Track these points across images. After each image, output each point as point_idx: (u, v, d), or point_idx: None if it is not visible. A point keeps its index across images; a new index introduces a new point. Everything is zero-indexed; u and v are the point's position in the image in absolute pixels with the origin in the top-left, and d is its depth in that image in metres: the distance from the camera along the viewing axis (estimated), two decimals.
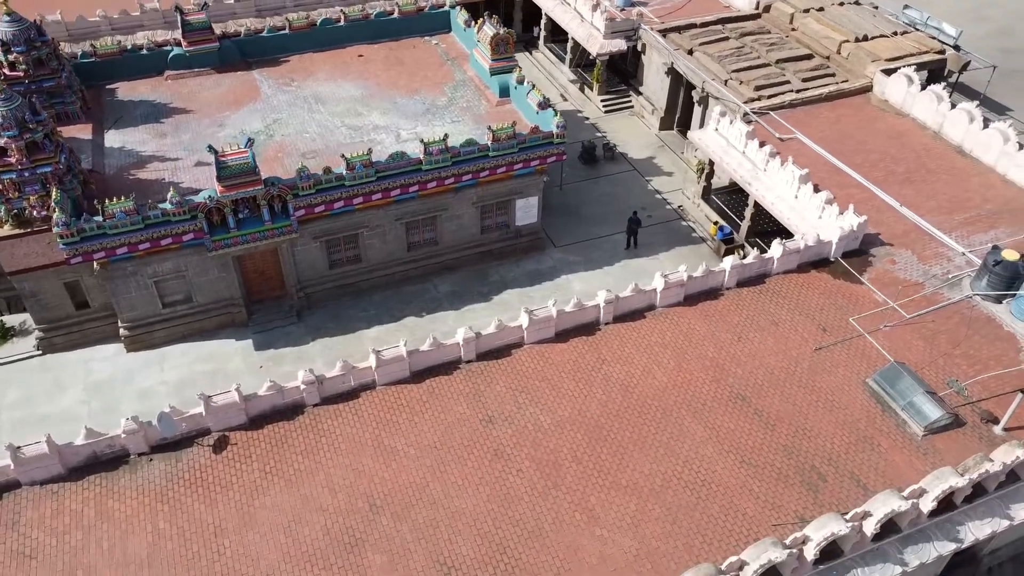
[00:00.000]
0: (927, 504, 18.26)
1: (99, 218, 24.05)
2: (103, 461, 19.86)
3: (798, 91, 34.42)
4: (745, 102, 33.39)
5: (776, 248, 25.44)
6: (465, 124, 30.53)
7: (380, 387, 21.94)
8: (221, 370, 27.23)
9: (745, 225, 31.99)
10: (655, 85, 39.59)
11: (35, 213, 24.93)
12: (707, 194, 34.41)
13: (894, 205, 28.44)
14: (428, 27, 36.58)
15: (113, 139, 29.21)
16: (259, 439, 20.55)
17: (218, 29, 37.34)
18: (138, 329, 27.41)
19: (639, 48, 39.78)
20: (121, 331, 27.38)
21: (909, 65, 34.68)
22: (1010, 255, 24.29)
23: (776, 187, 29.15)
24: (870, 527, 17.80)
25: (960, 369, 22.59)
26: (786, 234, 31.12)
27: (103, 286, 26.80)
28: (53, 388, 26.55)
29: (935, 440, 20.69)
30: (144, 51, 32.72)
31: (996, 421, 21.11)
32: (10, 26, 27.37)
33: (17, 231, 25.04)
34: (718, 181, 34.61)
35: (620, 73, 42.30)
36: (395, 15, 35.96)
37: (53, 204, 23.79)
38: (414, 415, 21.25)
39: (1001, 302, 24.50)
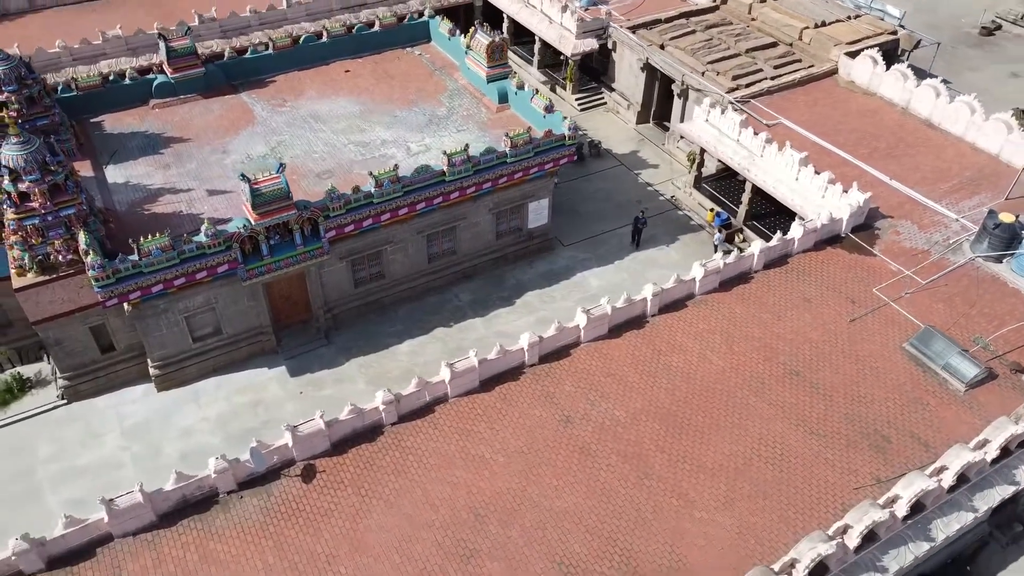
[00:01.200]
0: (992, 452, 19.86)
1: (134, 257, 23.34)
2: (193, 503, 19.50)
3: (772, 78, 36.14)
4: (726, 92, 34.84)
5: (796, 229, 26.87)
6: (471, 132, 30.86)
7: (452, 399, 22.18)
8: (260, 400, 26.80)
9: (743, 209, 33.44)
10: (629, 81, 40.72)
11: (60, 258, 23.98)
12: (698, 183, 35.73)
13: (885, 180, 30.32)
14: (408, 38, 36.62)
15: (115, 174, 28.25)
16: (346, 463, 20.53)
17: None
18: (169, 367, 26.68)
19: (609, 46, 40.81)
20: (151, 371, 26.59)
21: (868, 47, 36.90)
22: (1007, 217, 26.39)
23: (775, 171, 30.64)
24: (948, 480, 19.25)
25: (980, 326, 24.47)
26: (782, 215, 32.96)
27: (131, 327, 25.98)
28: (87, 437, 25.59)
29: (976, 394, 22.42)
30: (127, 81, 31.64)
31: (1022, 371, 23.01)
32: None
33: (42, 278, 24.01)
34: (706, 170, 35.96)
35: (589, 71, 43.26)
36: (376, 28, 35.83)
37: (83, 246, 22.95)
38: (493, 423, 21.61)
39: (1001, 261, 26.58)
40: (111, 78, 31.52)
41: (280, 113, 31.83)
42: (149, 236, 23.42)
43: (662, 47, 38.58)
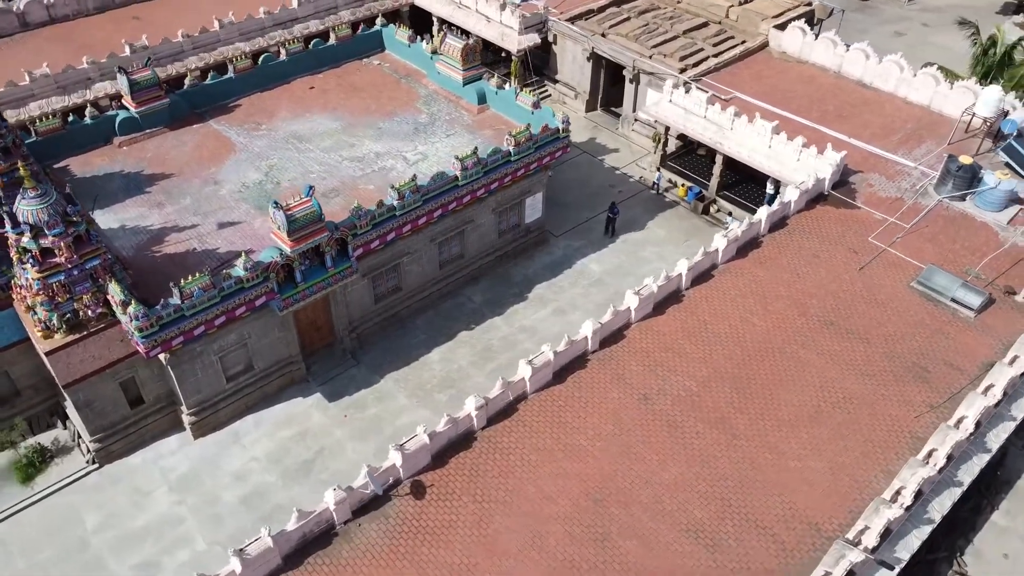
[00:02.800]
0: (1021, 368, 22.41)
1: (175, 300, 22.27)
2: (312, 540, 19.06)
3: (715, 56, 38.29)
4: (678, 73, 36.65)
5: (792, 191, 28.90)
6: (461, 136, 31.09)
7: (531, 395, 22.63)
8: (306, 431, 26.16)
9: (714, 181, 35.39)
10: (573, 71, 41.91)
11: (89, 313, 22.51)
12: (663, 161, 37.43)
13: (843, 138, 32.92)
14: (363, 49, 36.21)
15: (106, 220, 26.59)
16: (450, 474, 20.63)
17: (113, 88, 34.90)
18: (205, 411, 25.56)
19: (550, 39, 41.83)
20: (187, 418, 25.39)
21: (793, 19, 39.76)
22: (965, 160, 29.47)
23: (747, 142, 32.65)
24: (996, 395, 21.60)
25: (966, 259, 27.30)
26: (748, 183, 35.23)
27: (160, 377, 24.75)
28: (135, 498, 24.18)
29: (984, 319, 25.10)
30: (88, 120, 29.72)
31: (1014, 292, 25.93)
32: None
33: (72, 337, 22.46)
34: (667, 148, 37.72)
35: (529, 65, 44.03)
36: (332, 41, 35.22)
37: (120, 297, 21.70)
38: (577, 412, 22.25)
39: (965, 199, 29.65)
40: (71, 119, 29.46)
41: (259, 137, 30.85)
42: (189, 277, 22.39)
43: (603, 36, 39.97)
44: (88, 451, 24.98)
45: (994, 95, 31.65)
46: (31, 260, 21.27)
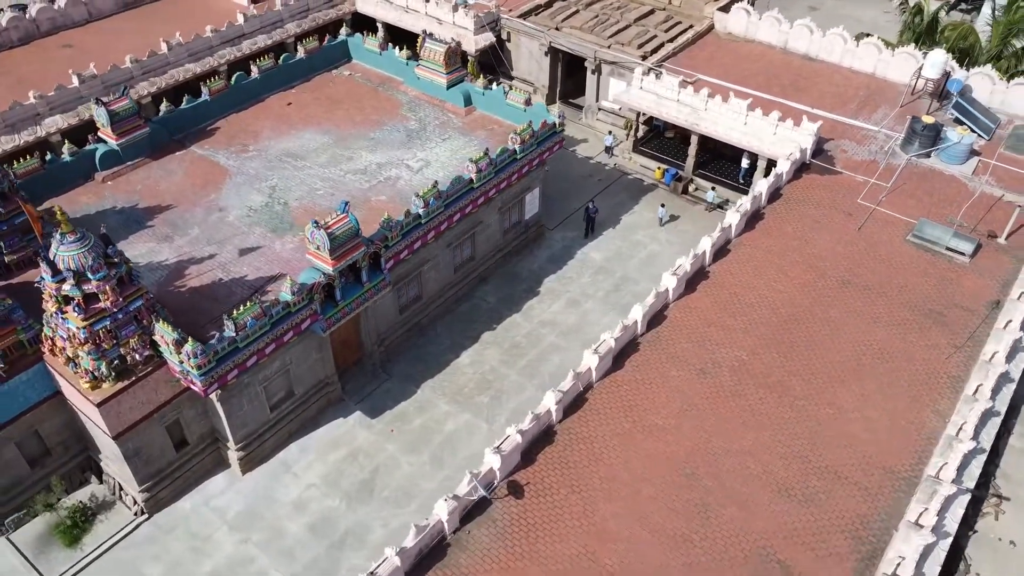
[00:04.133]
0: None
1: (229, 333, 21.50)
2: (427, 553, 18.98)
3: (670, 41, 39.71)
4: (641, 60, 37.84)
5: (784, 163, 30.52)
6: (456, 139, 31.12)
7: (596, 383, 23.15)
8: (357, 450, 25.75)
9: (690, 161, 36.76)
10: (531, 66, 42.45)
11: (137, 357, 21.39)
12: (636, 146, 38.55)
13: (808, 109, 34.91)
14: (330, 60, 35.55)
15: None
16: (542, 470, 20.94)
17: (73, 119, 33.07)
18: (251, 445, 24.75)
19: (504, 37, 42.22)
20: (235, 454, 24.51)
21: (733, 1, 41.65)
22: (928, 120, 31.91)
23: (723, 120, 34.14)
24: (1016, 329, 23.63)
25: (946, 209, 29.60)
26: (720, 161, 36.85)
27: (205, 414, 23.83)
28: (194, 543, 23.20)
29: (977, 262, 27.36)
30: (67, 157, 28.03)
31: (996, 235, 28.37)
32: None
33: (121, 385, 21.29)
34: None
35: (482, 64, 44.27)
36: (301, 54, 34.43)
37: (173, 336, 20.76)
38: (643, 393, 22.95)
39: (930, 156, 32.09)
40: (49, 158, 27.71)
41: (250, 159, 29.91)
42: (243, 307, 21.65)
43: (557, 30, 40.71)
44: (135, 502, 23.77)
45: (940, 58, 34.31)
46: (75, 308, 20.03)
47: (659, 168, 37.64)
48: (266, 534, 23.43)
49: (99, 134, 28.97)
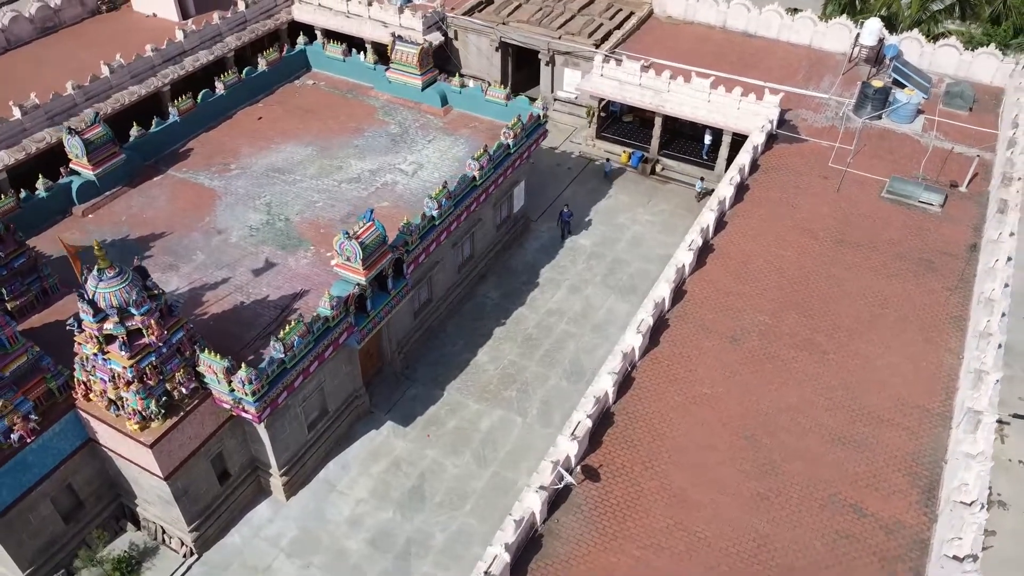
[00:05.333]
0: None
1: (277, 354, 20.87)
2: (525, 548, 19.09)
3: (617, 28, 40.74)
4: (595, 49, 38.69)
5: (758, 135, 31.97)
6: (442, 140, 31.03)
7: (639, 361, 23.77)
8: (398, 459, 25.46)
9: (655, 143, 37.89)
10: (480, 63, 42.57)
11: (183, 390, 20.45)
12: (598, 133, 39.38)
13: (760, 84, 36.63)
14: (291, 70, 34.68)
15: None
16: (610, 451, 21.42)
17: (19, 153, 31.15)
18: (293, 469, 24.07)
19: (451, 35, 42.19)
20: (278, 480, 23.77)
21: None
22: (878, 83, 34.12)
23: (687, 100, 35.40)
24: (1003, 266, 25.72)
25: (908, 164, 31.78)
26: (681, 139, 38.20)
27: (244, 443, 23.04)
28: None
29: (948, 210, 29.53)
30: (43, 193, 26.32)
31: (957, 184, 30.71)
32: None
33: (171, 422, 20.29)
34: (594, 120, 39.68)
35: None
36: (262, 67, 33.41)
37: (221, 366, 20.00)
38: (684, 367, 23.74)
39: (881, 118, 34.34)
40: (24, 195, 25.93)
41: (235, 178, 28.89)
42: (288, 327, 21.05)
43: (504, 24, 41.04)
44: (182, 544, 22.74)
45: (875, 26, 36.66)
46: (121, 346, 18.99)
47: (625, 152, 38.59)
48: (327, 556, 22.89)
49: (72, 166, 27.33)
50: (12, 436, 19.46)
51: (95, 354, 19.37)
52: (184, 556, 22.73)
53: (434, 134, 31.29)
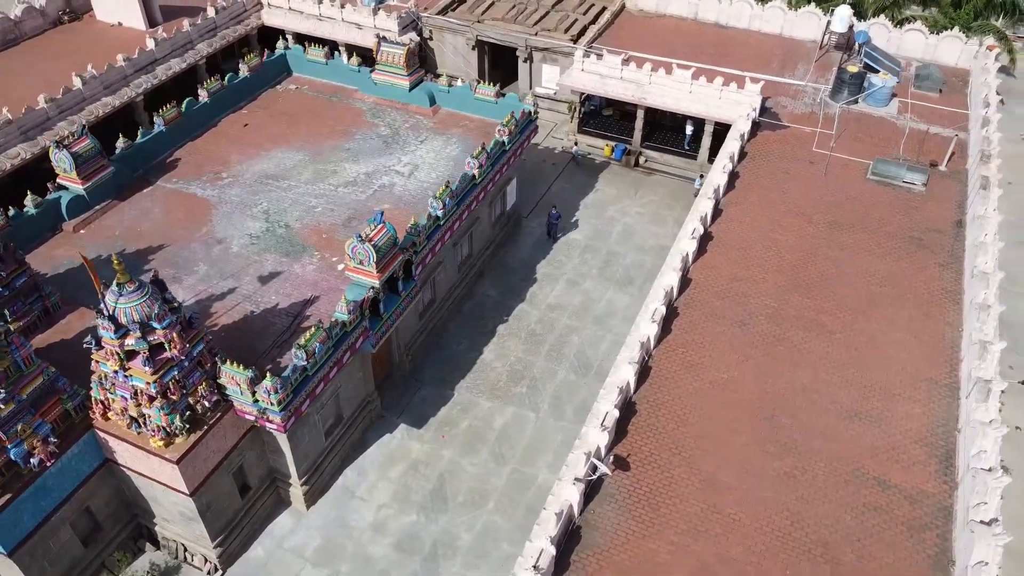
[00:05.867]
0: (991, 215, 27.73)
1: (299, 362, 20.59)
2: (566, 541, 19.19)
3: (592, 23, 41.03)
4: (573, 44, 38.93)
5: (744, 123, 32.55)
6: (435, 140, 30.91)
7: (653, 349, 24.05)
8: (415, 462, 25.33)
9: (637, 135, 38.28)
10: (457, 62, 42.46)
11: (206, 404, 20.04)
12: (580, 128, 39.63)
13: (739, 73, 37.26)
14: (272, 75, 34.15)
15: None
16: (636, 440, 21.62)
17: None
18: (312, 477, 23.77)
19: (426, 35, 42.02)
20: (299, 489, 23.45)
21: None
22: (853, 69, 35.02)
23: (669, 92, 35.85)
24: (992, 238, 26.63)
25: (888, 146, 32.70)
26: (661, 131, 38.69)
27: (263, 454, 22.69)
28: None
29: (931, 189, 30.45)
30: (31, 210, 25.52)
31: (937, 164, 31.70)
32: None
33: (195, 436, 19.87)
34: (574, 115, 39.93)
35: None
36: (244, 72, 32.84)
37: (245, 376, 19.67)
38: (698, 353, 24.07)
39: (858, 102, 35.25)
40: (11, 214, 25.10)
41: (227, 186, 28.38)
42: (308, 333, 20.78)
43: (480, 22, 41.04)
44: (206, 560, 22.29)
45: (846, 13, 37.62)
46: (144, 362, 18.53)
47: (607, 145, 38.91)
48: (354, 563, 22.68)
49: (59, 180, 26.54)
50: (32, 460, 18.84)
51: (116, 371, 18.86)
52: (208, 573, 22.29)
53: (426, 134, 31.15)
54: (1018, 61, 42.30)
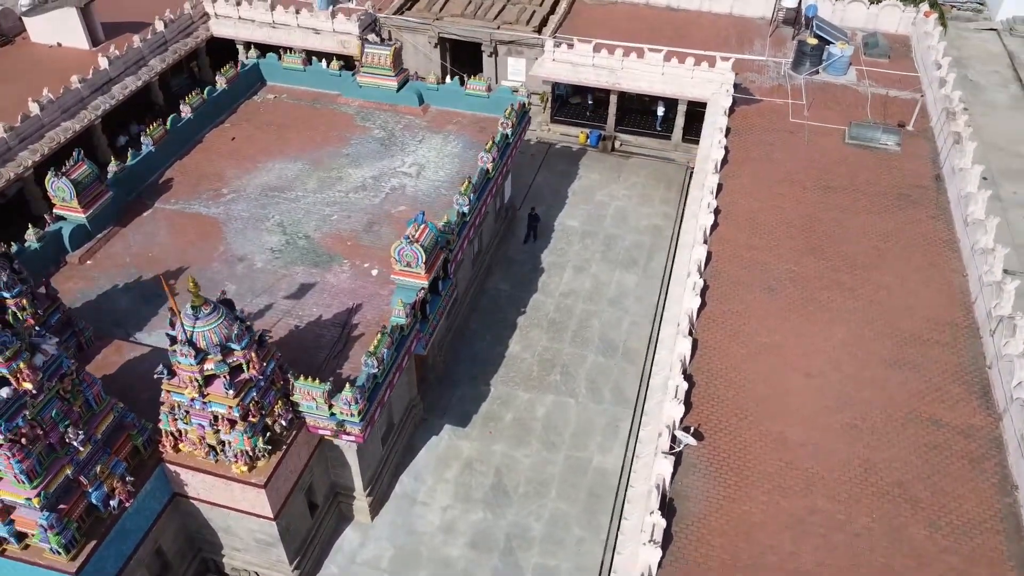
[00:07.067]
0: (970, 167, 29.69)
1: (370, 370, 20.20)
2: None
3: (550, 13, 41.47)
4: (538, 35, 39.28)
5: (726, 99, 33.67)
6: (433, 139, 30.66)
7: (695, 321, 24.72)
8: (468, 460, 25.19)
9: (611, 120, 38.99)
10: (418, 61, 42.01)
11: (283, 423, 19.41)
12: (552, 118, 40.03)
13: (707, 53, 38.37)
14: (247, 86, 33.05)
15: (161, 340, 22.31)
16: (702, 409, 22.14)
17: None
18: (374, 488, 23.34)
19: (385, 35, 41.46)
20: (363, 501, 22.99)
21: None
22: (812, 41, 36.74)
23: (642, 75, 36.70)
24: (976, 187, 28.55)
25: (856, 112, 34.51)
26: (633, 115, 39.58)
27: (326, 470, 22.14)
28: None
29: (905, 148, 32.35)
30: (34, 243, 23.95)
31: (904, 125, 33.69)
32: None
33: (276, 458, 19.20)
34: (545, 105, 40.30)
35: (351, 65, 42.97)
36: (222, 85, 31.64)
37: (320, 391, 19.18)
38: (737, 320, 24.84)
39: (818, 72, 37.02)
40: (15, 247, 23.50)
41: (232, 202, 27.37)
42: (376, 340, 20.39)
43: (439, 20, 40.84)
44: None
45: None
46: (225, 385, 17.80)
47: (582, 132, 39.46)
48: (433, 567, 22.44)
49: (56, 211, 25.00)
50: (112, 503, 17.82)
51: (193, 399, 18.04)
52: None
53: (422, 134, 30.86)
54: (948, 27, 45.27)
